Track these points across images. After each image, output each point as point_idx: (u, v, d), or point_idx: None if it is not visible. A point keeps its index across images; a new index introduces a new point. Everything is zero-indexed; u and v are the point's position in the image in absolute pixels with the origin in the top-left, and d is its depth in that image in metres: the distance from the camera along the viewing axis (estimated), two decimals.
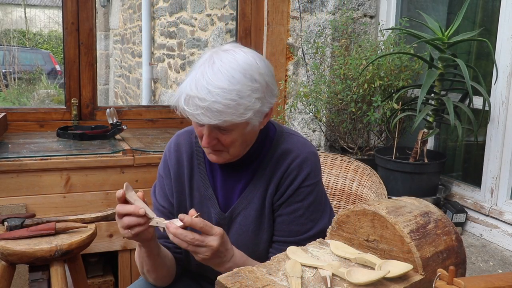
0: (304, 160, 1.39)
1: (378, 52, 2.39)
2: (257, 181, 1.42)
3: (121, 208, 1.25)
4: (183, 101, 1.24)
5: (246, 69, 1.25)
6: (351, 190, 2.04)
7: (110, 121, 2.66)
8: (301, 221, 1.39)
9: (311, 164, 1.40)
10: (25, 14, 14.21)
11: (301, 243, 1.23)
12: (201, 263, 1.28)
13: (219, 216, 1.44)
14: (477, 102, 2.05)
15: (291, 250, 1.12)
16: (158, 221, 1.26)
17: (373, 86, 2.30)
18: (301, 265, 1.06)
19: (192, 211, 1.24)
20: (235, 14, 3.36)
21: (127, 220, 1.24)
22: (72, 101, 2.75)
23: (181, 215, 1.21)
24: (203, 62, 1.27)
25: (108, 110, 2.69)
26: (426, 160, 2.14)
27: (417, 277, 1.01)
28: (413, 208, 1.14)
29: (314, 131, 2.70)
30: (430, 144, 2.40)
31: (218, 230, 1.24)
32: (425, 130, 2.16)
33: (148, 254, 1.37)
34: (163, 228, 1.25)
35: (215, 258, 1.24)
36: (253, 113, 1.26)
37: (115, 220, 2.07)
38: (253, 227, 1.41)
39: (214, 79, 1.22)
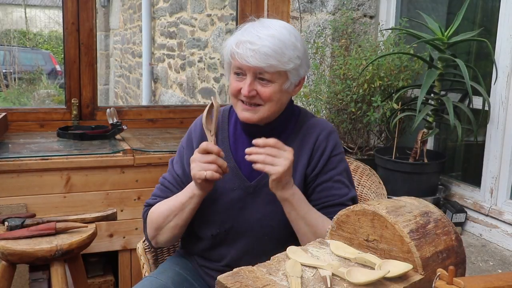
0: (330, 133, 1.51)
1: (378, 52, 2.39)
2: None
3: (211, 146, 1.37)
4: (234, 45, 1.38)
5: (291, 30, 1.42)
6: None
7: (110, 121, 2.66)
8: (338, 186, 1.48)
9: (336, 137, 1.53)
10: (25, 14, 14.21)
11: (344, 203, 1.43)
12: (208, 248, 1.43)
13: (244, 184, 1.47)
14: (477, 102, 2.05)
15: (291, 250, 1.12)
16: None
17: (373, 86, 2.30)
18: (301, 265, 1.06)
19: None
20: (235, 14, 3.36)
21: (215, 158, 1.36)
22: (72, 101, 2.75)
23: (254, 140, 1.33)
24: (250, 24, 1.42)
25: (108, 110, 2.69)
26: (426, 160, 2.14)
27: (417, 277, 1.02)
28: (413, 208, 1.14)
29: None
30: (430, 144, 2.40)
31: (288, 147, 1.35)
32: (425, 130, 2.16)
33: (196, 206, 1.43)
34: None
35: (287, 173, 1.34)
36: (293, 67, 1.40)
37: (115, 220, 2.10)
38: None
39: (264, 30, 1.38)
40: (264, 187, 1.44)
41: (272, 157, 1.32)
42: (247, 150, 1.34)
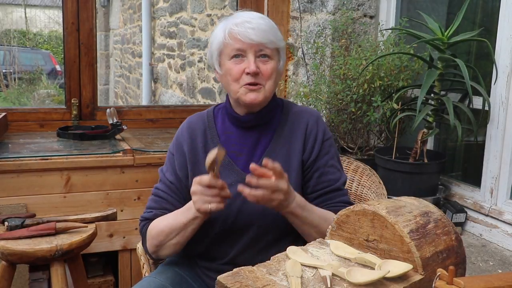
0: (317, 118, 1.56)
1: (378, 52, 2.39)
2: (277, 141, 1.52)
3: (213, 181, 1.33)
4: (233, 26, 1.44)
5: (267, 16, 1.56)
6: (350, 190, 2.04)
7: (110, 121, 2.66)
8: (333, 170, 1.53)
9: (323, 121, 1.58)
10: (25, 14, 14.22)
11: (340, 187, 1.51)
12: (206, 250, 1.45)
13: (241, 177, 1.46)
14: (477, 102, 2.05)
15: (291, 250, 1.12)
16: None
17: (373, 86, 2.30)
18: (301, 265, 1.06)
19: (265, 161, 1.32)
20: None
21: (219, 192, 1.34)
22: (72, 101, 2.75)
23: (265, 161, 1.29)
24: (228, 17, 1.50)
25: (108, 110, 2.68)
26: (426, 160, 2.14)
27: (417, 277, 1.02)
28: (413, 208, 1.14)
29: None
30: (430, 144, 2.40)
31: (284, 173, 1.34)
32: (425, 130, 2.16)
33: (198, 226, 1.43)
34: None
35: (285, 200, 1.35)
36: (283, 46, 1.51)
37: (115, 220, 2.10)
38: None
39: (251, 13, 1.49)
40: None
41: (271, 192, 1.30)
42: (254, 183, 1.29)
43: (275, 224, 1.47)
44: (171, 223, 1.46)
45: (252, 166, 1.29)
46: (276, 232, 1.47)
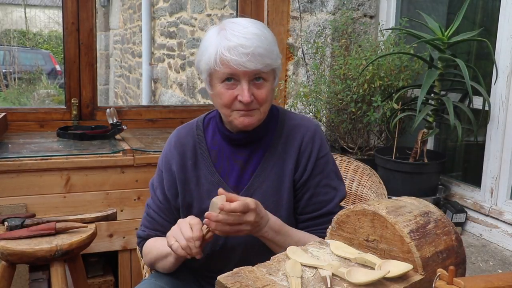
0: (314, 133, 1.46)
1: (378, 52, 2.39)
2: (269, 158, 1.45)
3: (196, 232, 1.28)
4: (225, 51, 1.29)
5: (263, 25, 1.38)
6: (351, 190, 2.04)
7: (110, 121, 2.66)
8: (326, 191, 1.45)
9: (320, 135, 1.48)
10: (25, 14, 14.21)
11: (333, 211, 1.38)
12: (204, 264, 1.37)
13: None
14: (477, 102, 2.05)
15: (291, 250, 1.12)
16: (203, 228, 1.29)
17: (373, 86, 2.30)
18: (301, 265, 1.06)
19: (221, 190, 1.28)
20: (235, 14, 3.36)
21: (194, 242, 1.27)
22: (72, 101, 2.75)
23: (220, 206, 1.24)
24: (219, 28, 1.35)
25: (108, 110, 2.69)
26: (426, 160, 2.14)
27: (417, 277, 1.02)
28: (413, 208, 1.14)
29: None
30: (430, 144, 2.40)
31: (252, 205, 1.27)
32: (425, 130, 2.16)
33: (179, 259, 1.40)
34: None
35: (254, 229, 1.30)
36: (280, 63, 1.39)
37: (115, 220, 2.10)
38: (270, 204, 1.40)
39: (245, 29, 1.31)
40: (252, 195, 1.41)
41: (236, 226, 1.27)
42: (214, 220, 1.25)
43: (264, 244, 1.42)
44: (159, 248, 1.45)
45: (221, 206, 1.23)
46: (267, 250, 1.40)
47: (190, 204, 1.48)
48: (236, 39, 1.29)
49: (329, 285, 0.99)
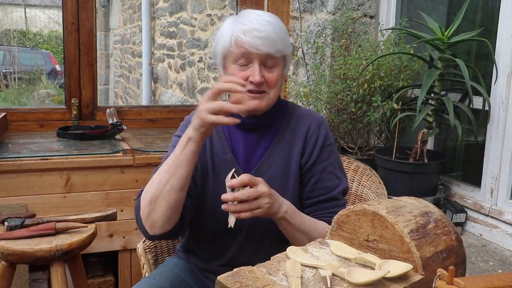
0: (320, 123, 1.53)
1: (378, 52, 2.39)
2: (278, 143, 1.50)
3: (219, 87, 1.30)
4: (240, 34, 1.38)
5: (276, 17, 1.47)
6: (351, 190, 2.04)
7: (110, 121, 2.66)
8: (330, 177, 1.50)
9: (326, 127, 1.55)
10: (25, 14, 14.22)
11: (337, 197, 1.47)
12: (207, 246, 1.44)
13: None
14: (477, 102, 2.05)
15: (291, 250, 1.12)
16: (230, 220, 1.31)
17: (373, 86, 2.30)
18: (301, 265, 1.06)
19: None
20: (235, 14, 3.35)
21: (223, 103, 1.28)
22: (72, 101, 2.75)
23: (228, 183, 1.28)
24: (235, 17, 1.45)
25: (108, 110, 2.69)
26: (426, 160, 2.14)
27: (417, 277, 1.02)
28: (413, 208, 1.14)
29: None
30: (430, 144, 2.40)
31: (258, 178, 1.32)
32: (425, 130, 2.16)
33: (194, 156, 1.32)
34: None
35: (273, 203, 1.32)
36: (291, 50, 1.48)
37: (115, 220, 2.10)
38: (277, 188, 1.41)
39: (259, 17, 1.41)
40: (262, 176, 1.43)
41: (254, 201, 1.28)
42: (229, 198, 1.28)
43: (270, 224, 1.43)
44: (163, 167, 1.37)
45: (229, 183, 1.27)
46: (272, 233, 1.45)
47: (204, 176, 1.50)
48: (251, 23, 1.39)
49: (329, 285, 0.99)
